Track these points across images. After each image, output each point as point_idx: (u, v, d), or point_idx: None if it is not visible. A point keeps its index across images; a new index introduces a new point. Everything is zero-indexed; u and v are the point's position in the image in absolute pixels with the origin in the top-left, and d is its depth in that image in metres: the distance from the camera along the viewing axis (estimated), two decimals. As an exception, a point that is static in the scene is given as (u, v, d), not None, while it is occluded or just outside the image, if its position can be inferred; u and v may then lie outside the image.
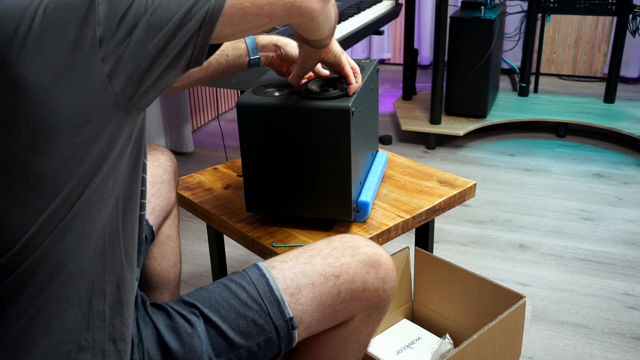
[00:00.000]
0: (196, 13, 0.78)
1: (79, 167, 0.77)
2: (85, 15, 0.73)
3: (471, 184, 1.47)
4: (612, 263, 2.04)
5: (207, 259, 2.11)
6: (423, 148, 3.01)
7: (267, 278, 1.00)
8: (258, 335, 0.97)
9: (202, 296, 0.99)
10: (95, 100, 0.75)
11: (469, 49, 2.84)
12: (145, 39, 0.76)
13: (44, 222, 0.77)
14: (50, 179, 0.76)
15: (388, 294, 1.05)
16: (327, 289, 1.00)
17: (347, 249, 1.03)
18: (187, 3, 0.78)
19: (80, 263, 0.81)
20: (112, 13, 0.74)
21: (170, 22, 0.77)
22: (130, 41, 0.76)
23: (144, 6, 0.76)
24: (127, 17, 0.75)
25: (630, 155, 2.85)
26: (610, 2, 2.99)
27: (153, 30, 0.77)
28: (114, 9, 0.74)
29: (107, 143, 0.79)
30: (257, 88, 1.27)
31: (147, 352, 0.93)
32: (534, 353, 1.65)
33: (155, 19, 0.77)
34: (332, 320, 1.03)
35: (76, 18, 0.73)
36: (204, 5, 0.79)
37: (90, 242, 0.82)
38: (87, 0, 0.73)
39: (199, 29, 0.79)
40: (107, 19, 0.74)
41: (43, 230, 0.78)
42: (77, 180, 0.78)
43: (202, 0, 0.79)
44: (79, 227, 0.80)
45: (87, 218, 0.81)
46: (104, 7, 0.73)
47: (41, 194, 0.76)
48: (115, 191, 0.84)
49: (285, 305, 0.98)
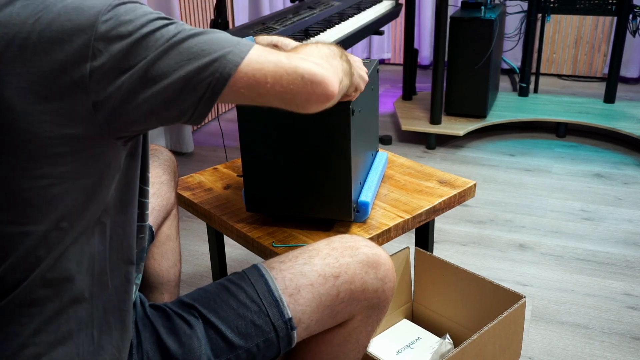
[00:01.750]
0: (204, 79, 0.75)
1: (65, 196, 0.76)
2: (81, 46, 0.71)
3: (471, 184, 1.46)
4: (612, 263, 2.04)
5: (207, 259, 2.11)
6: (423, 148, 3.00)
7: (266, 278, 1.00)
8: (257, 336, 0.97)
9: (201, 297, 0.99)
10: (80, 130, 0.73)
11: (469, 49, 2.84)
12: (139, 87, 0.74)
13: (34, 246, 0.77)
14: (35, 205, 0.75)
15: (387, 295, 1.05)
16: (327, 289, 1.00)
17: (346, 250, 1.03)
18: (196, 65, 0.74)
19: (73, 290, 0.81)
20: (109, 50, 0.72)
21: (169, 78, 0.74)
22: (122, 84, 0.73)
23: (143, 52, 0.73)
24: (123, 59, 0.72)
25: (630, 155, 2.85)
26: (610, 2, 2.99)
27: (150, 82, 0.74)
28: (112, 46, 0.72)
29: (94, 174, 0.77)
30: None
31: (146, 353, 0.92)
32: (534, 353, 1.65)
33: (154, 71, 0.74)
34: (331, 320, 1.03)
35: (69, 47, 0.71)
36: (215, 71, 0.75)
37: (81, 269, 0.81)
38: (84, 33, 0.71)
39: (202, 96, 0.76)
40: (102, 54, 0.72)
41: (34, 254, 0.77)
42: (64, 209, 0.77)
43: (215, 65, 0.75)
44: (69, 255, 0.79)
45: (77, 246, 0.80)
46: (102, 42, 0.72)
47: (28, 218, 0.75)
48: (104, 218, 0.82)
49: (284, 305, 0.98)
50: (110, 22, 0.72)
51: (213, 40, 0.77)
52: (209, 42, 0.76)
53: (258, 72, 0.78)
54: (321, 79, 0.81)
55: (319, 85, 0.82)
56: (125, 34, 0.72)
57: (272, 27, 2.12)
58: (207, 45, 0.76)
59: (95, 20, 0.71)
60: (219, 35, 0.78)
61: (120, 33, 0.72)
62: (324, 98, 0.83)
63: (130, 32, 0.73)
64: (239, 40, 0.79)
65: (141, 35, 0.73)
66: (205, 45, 0.76)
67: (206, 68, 0.75)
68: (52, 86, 0.71)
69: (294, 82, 0.80)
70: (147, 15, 0.75)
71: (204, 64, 0.75)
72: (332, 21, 2.37)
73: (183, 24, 0.78)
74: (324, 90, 0.82)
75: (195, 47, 0.75)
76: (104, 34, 0.72)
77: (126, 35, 0.73)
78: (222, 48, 0.76)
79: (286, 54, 0.83)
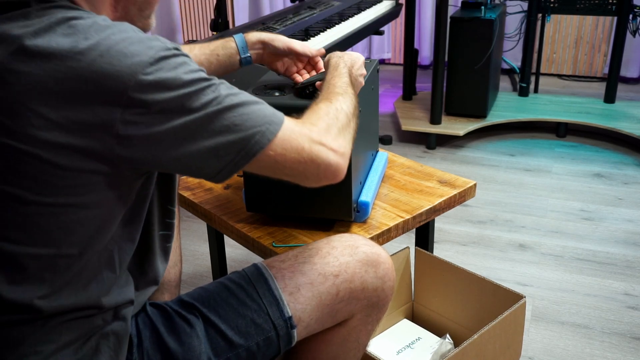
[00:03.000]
0: (230, 153, 0.79)
1: (75, 224, 0.78)
2: (116, 92, 0.72)
3: (471, 184, 1.46)
4: (612, 263, 2.04)
5: (207, 259, 2.11)
6: (423, 148, 3.00)
7: (265, 277, 1.00)
8: (257, 335, 0.97)
9: (201, 296, 0.99)
10: (99, 167, 0.75)
11: (469, 49, 2.84)
12: (167, 145, 0.76)
13: (40, 268, 0.79)
14: (45, 229, 0.77)
15: (387, 293, 1.05)
16: (326, 288, 1.00)
17: (346, 249, 1.03)
18: (225, 139, 0.78)
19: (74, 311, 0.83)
20: (144, 102, 0.73)
21: (198, 145, 0.77)
22: (149, 137, 0.75)
23: (177, 113, 0.75)
24: (157, 114, 0.74)
25: (630, 155, 2.85)
26: (610, 2, 2.99)
27: (178, 143, 0.76)
28: (148, 98, 0.73)
29: (106, 204, 0.80)
30: (257, 88, 1.27)
31: (147, 352, 0.93)
32: (534, 353, 1.65)
33: (185, 134, 0.76)
34: (331, 319, 1.03)
35: (105, 89, 0.72)
36: (242, 149, 0.79)
37: (91, 291, 0.84)
38: (122, 80, 0.72)
39: (224, 167, 0.80)
40: (136, 105, 0.73)
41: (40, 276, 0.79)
42: (74, 236, 0.79)
43: (242, 144, 0.79)
44: (76, 284, 0.82)
45: (85, 271, 0.82)
46: (138, 93, 0.73)
47: (35, 240, 0.78)
48: (111, 245, 0.85)
49: (284, 304, 0.98)
50: (150, 76, 0.73)
51: (247, 115, 0.80)
52: (242, 118, 0.79)
53: (280, 157, 0.83)
54: (335, 168, 0.88)
55: (332, 173, 0.88)
56: (163, 91, 0.74)
57: (272, 27, 2.12)
58: (240, 120, 0.79)
59: (136, 71, 0.72)
60: (253, 108, 0.81)
61: (159, 89, 0.74)
62: (331, 181, 0.89)
63: (169, 89, 0.74)
64: (271, 117, 0.83)
65: (178, 96, 0.75)
66: (238, 120, 0.79)
67: (234, 144, 0.79)
68: (81, 123, 0.72)
69: (310, 169, 0.86)
70: (189, 75, 0.76)
71: (233, 141, 0.79)
72: (332, 21, 2.37)
73: (221, 87, 0.80)
74: (335, 176, 0.89)
75: (228, 120, 0.78)
76: (143, 86, 0.73)
77: (164, 92, 0.74)
78: (253, 127, 0.80)
79: (309, 130, 0.87)
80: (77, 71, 0.71)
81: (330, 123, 0.91)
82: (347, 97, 0.99)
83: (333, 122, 0.91)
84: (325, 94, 1.00)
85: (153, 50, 0.74)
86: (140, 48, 0.74)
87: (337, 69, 1.09)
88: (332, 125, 0.91)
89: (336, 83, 1.03)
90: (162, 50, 0.75)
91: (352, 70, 1.11)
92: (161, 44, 0.76)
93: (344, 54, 1.17)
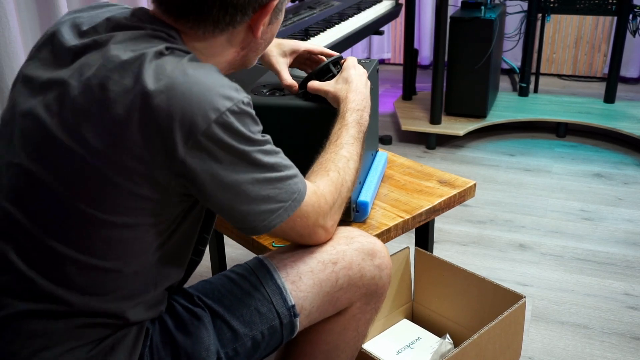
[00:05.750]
0: (255, 220, 0.89)
1: (125, 242, 0.85)
2: (186, 132, 0.79)
3: (471, 184, 1.46)
4: (612, 263, 2.04)
5: (207, 259, 2.11)
6: (423, 148, 3.01)
7: (268, 267, 1.02)
8: (262, 323, 0.99)
9: (205, 288, 1.01)
10: (155, 195, 0.83)
11: (469, 49, 2.84)
12: (213, 188, 0.84)
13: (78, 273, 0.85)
14: (96, 242, 0.84)
15: (384, 282, 1.08)
16: (326, 275, 1.02)
17: (341, 239, 1.06)
18: (258, 208, 0.87)
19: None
20: (209, 149, 0.81)
21: (236, 203, 0.86)
22: (201, 177, 0.83)
23: (234, 169, 0.84)
24: (216, 162, 0.83)
25: (630, 155, 2.85)
26: (610, 2, 2.99)
27: (223, 193, 0.85)
28: (213, 146, 0.81)
29: (155, 226, 0.86)
30: (256, 88, 1.27)
31: (155, 345, 0.93)
32: (534, 353, 1.65)
33: (231, 190, 0.85)
34: (331, 307, 1.04)
35: (175, 128, 0.79)
36: (265, 219, 0.89)
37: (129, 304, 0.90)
38: (194, 122, 0.79)
39: (244, 228, 0.91)
40: (201, 149, 0.81)
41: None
42: (122, 253, 0.85)
43: (267, 214, 0.89)
44: (110, 294, 0.87)
45: (127, 288, 0.88)
46: (205, 139, 0.80)
47: (83, 248, 0.84)
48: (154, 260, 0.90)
49: (287, 292, 1.00)
50: (220, 127, 0.81)
51: (284, 190, 0.90)
52: (280, 193, 0.89)
53: (289, 230, 0.95)
54: (327, 237, 1.03)
55: (324, 238, 1.03)
56: (228, 143, 0.82)
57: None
58: (274, 193, 0.89)
59: (210, 118, 0.80)
60: (290, 184, 0.91)
61: (225, 139, 0.81)
62: (322, 241, 1.03)
63: (234, 141, 0.82)
64: (296, 193, 0.92)
65: (240, 152, 0.83)
66: (273, 193, 0.89)
67: (263, 214, 0.89)
68: (147, 155, 0.79)
69: (309, 234, 0.99)
70: (255, 136, 0.85)
71: (264, 210, 0.89)
72: (332, 21, 2.37)
73: (277, 158, 0.90)
74: (326, 238, 1.03)
75: (266, 191, 0.88)
76: (211, 135, 0.80)
77: (229, 143, 0.82)
78: (282, 201, 0.90)
79: (319, 207, 0.97)
80: (153, 110, 0.79)
81: (335, 199, 1.00)
82: (351, 162, 1.06)
83: (337, 198, 1.01)
84: (333, 155, 1.06)
85: (231, 101, 0.82)
86: (218, 95, 0.81)
87: (344, 118, 1.11)
88: (336, 202, 1.00)
89: (342, 141, 1.08)
90: (239, 103, 0.83)
91: (362, 114, 1.13)
92: (240, 97, 0.83)
93: (350, 88, 1.15)
